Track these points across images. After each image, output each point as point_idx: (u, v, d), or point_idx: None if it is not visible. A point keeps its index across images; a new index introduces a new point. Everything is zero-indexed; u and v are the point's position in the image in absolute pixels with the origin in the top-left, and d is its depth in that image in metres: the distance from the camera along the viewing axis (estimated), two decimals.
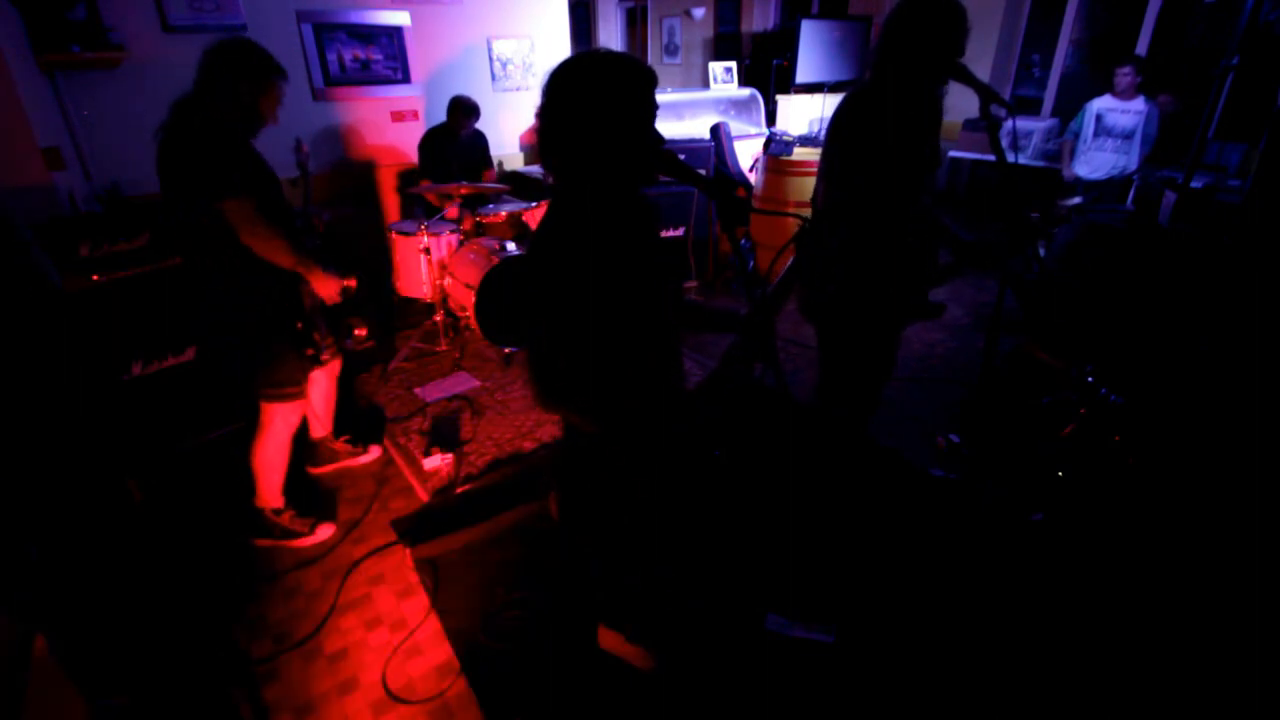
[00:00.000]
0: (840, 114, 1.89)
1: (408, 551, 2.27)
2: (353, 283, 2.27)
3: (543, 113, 1.23)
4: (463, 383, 3.51)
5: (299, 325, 2.20)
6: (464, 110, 4.04)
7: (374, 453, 2.85)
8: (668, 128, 5.74)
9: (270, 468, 2.28)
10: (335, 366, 2.59)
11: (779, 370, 1.51)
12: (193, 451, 2.75)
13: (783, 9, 7.67)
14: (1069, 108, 5.12)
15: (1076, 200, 3.78)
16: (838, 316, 2.05)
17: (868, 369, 2.16)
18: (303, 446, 2.62)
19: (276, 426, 2.23)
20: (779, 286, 1.61)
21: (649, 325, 1.36)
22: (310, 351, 2.26)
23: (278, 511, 2.33)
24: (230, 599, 2.13)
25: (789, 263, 1.67)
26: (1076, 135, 4.54)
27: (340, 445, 2.79)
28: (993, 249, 1.92)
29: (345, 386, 3.42)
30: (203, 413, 2.77)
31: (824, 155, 1.96)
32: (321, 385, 2.58)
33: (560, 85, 1.20)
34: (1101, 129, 4.40)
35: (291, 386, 2.20)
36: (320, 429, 2.70)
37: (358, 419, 3.17)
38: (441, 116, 4.23)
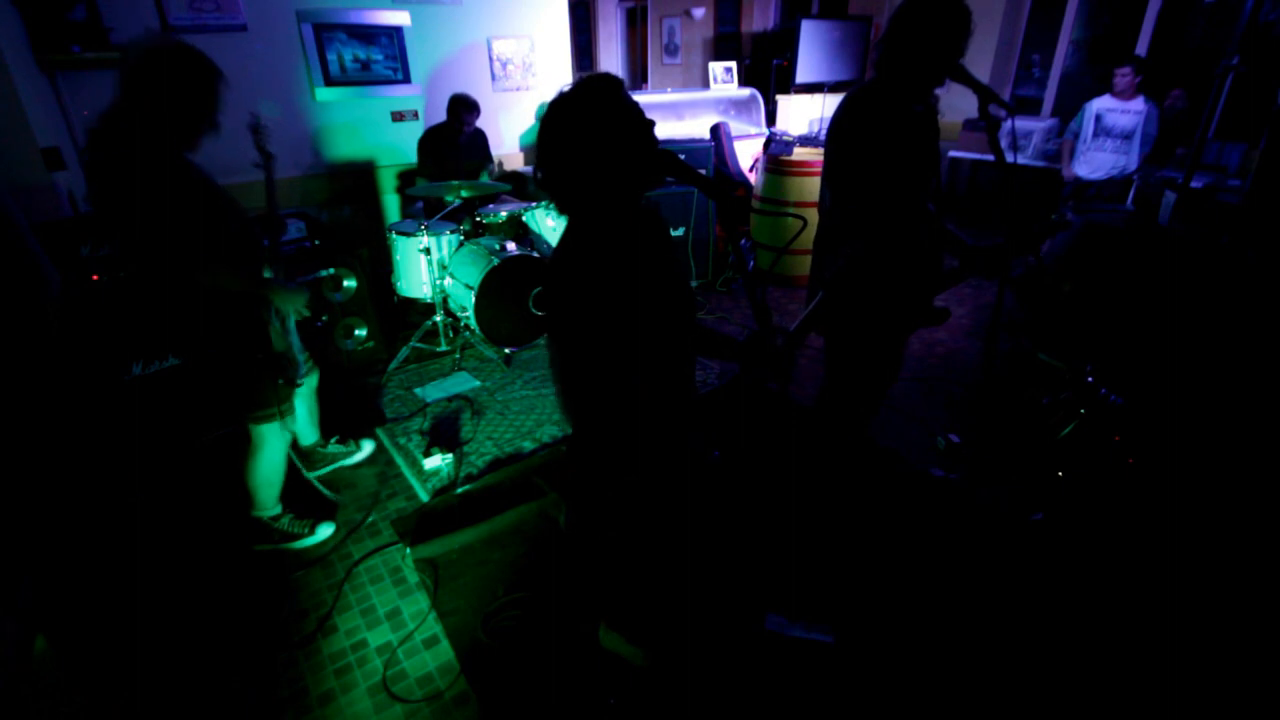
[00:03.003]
0: (842, 114, 1.89)
1: (408, 551, 2.28)
2: (351, 279, 2.18)
3: (540, 166, 1.24)
4: (463, 383, 3.51)
5: (259, 355, 2.05)
6: (464, 107, 4.04)
7: (366, 449, 2.84)
8: (668, 128, 5.73)
9: (268, 484, 2.26)
10: (314, 380, 2.52)
11: (786, 379, 1.51)
12: (193, 451, 2.75)
13: (783, 9, 7.67)
14: (1069, 108, 5.12)
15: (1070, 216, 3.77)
16: (845, 322, 2.05)
17: (874, 374, 2.16)
18: (296, 452, 2.62)
19: (270, 445, 2.18)
20: (803, 324, 1.60)
21: (665, 344, 1.35)
22: (282, 380, 2.13)
23: (275, 518, 2.32)
24: (230, 599, 2.13)
25: (814, 302, 1.68)
26: (1076, 135, 4.54)
27: (331, 448, 2.78)
28: (997, 254, 1.92)
29: (345, 388, 3.43)
30: (203, 413, 2.77)
31: (827, 157, 1.95)
32: (304, 400, 2.54)
33: (547, 139, 1.21)
34: (1101, 129, 4.41)
35: (274, 406, 2.13)
36: (309, 437, 2.69)
37: (356, 420, 3.17)
38: (441, 116, 4.22)
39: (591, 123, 1.17)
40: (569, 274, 1.24)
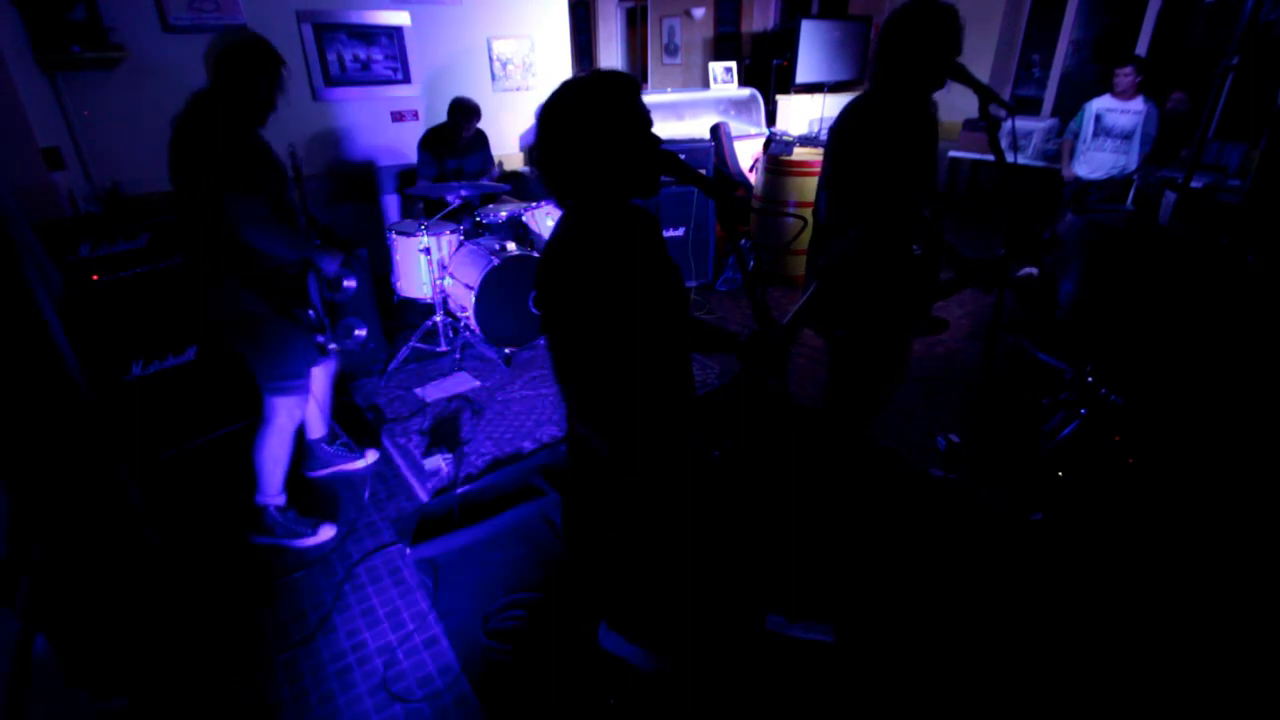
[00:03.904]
0: (844, 120, 1.89)
1: (408, 551, 2.28)
2: (351, 280, 2.28)
3: (540, 148, 1.24)
4: (463, 383, 3.51)
5: (310, 312, 2.22)
6: (464, 112, 4.03)
7: (370, 457, 2.84)
8: (668, 128, 5.73)
9: (274, 462, 2.28)
10: (332, 366, 2.60)
11: (781, 373, 1.51)
12: (193, 451, 2.75)
13: (783, 9, 7.67)
14: (1069, 108, 5.13)
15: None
16: (840, 315, 2.05)
17: (876, 375, 2.16)
18: (299, 451, 2.62)
19: (281, 420, 2.25)
20: (796, 316, 1.60)
21: (663, 341, 1.35)
22: (321, 339, 2.27)
23: (281, 509, 2.33)
24: (231, 598, 2.13)
25: (808, 293, 1.68)
26: (1076, 135, 4.54)
27: (336, 449, 2.78)
28: (994, 267, 1.92)
29: (345, 388, 3.43)
30: (203, 413, 2.77)
31: (828, 161, 1.95)
32: (320, 383, 2.58)
33: (550, 122, 1.20)
34: (1101, 129, 4.41)
35: (298, 378, 2.23)
36: (317, 430, 2.70)
37: (357, 421, 3.17)
38: (441, 116, 4.22)
39: (605, 115, 1.17)
40: (567, 266, 1.23)
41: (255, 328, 2.12)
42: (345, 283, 2.28)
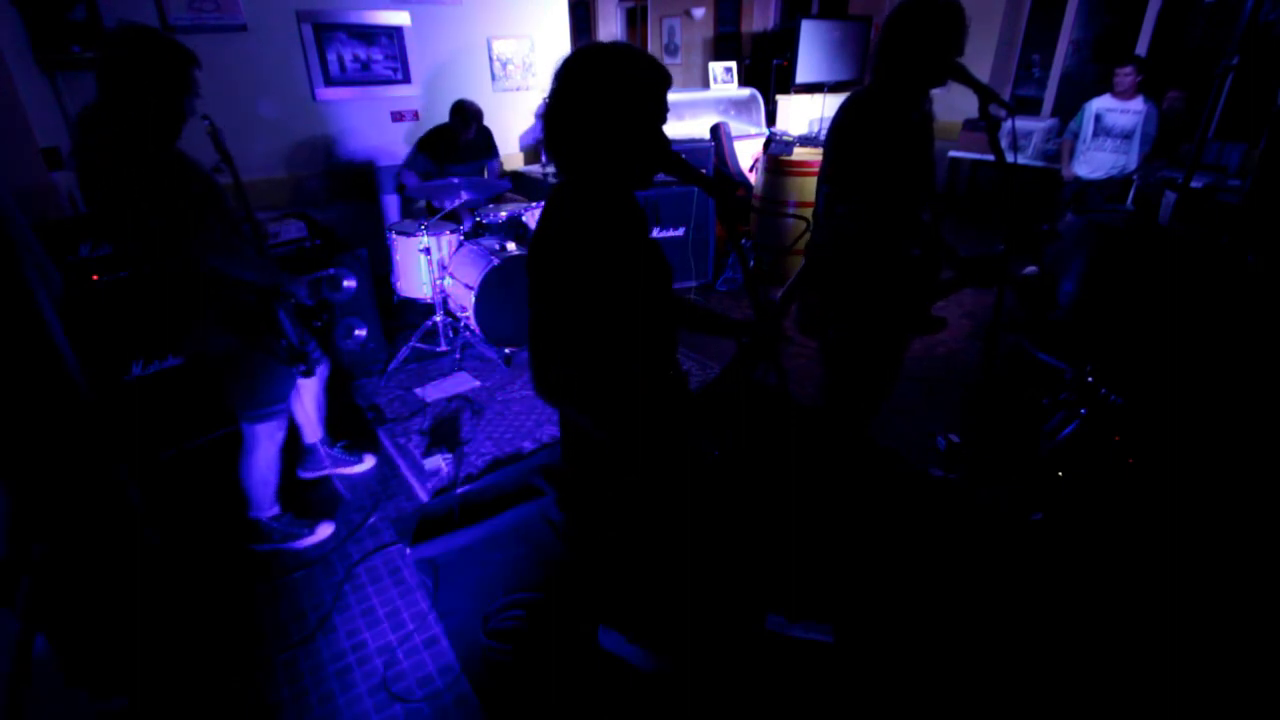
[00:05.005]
0: (843, 115, 1.89)
1: (408, 551, 2.28)
2: (351, 279, 2.18)
3: (552, 102, 1.20)
4: (463, 383, 3.51)
5: (283, 343, 2.08)
6: (466, 116, 4.03)
7: (369, 462, 2.80)
8: (668, 127, 5.72)
9: (262, 484, 2.26)
10: (324, 370, 2.54)
11: (781, 370, 1.51)
12: (193, 451, 2.75)
13: (783, 9, 7.67)
14: (1069, 108, 5.13)
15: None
16: (840, 329, 2.04)
17: (871, 380, 2.16)
18: (295, 450, 2.62)
19: (264, 444, 2.19)
20: (789, 291, 1.61)
21: (644, 325, 1.35)
22: (303, 367, 2.14)
23: (275, 518, 2.32)
24: (230, 599, 2.13)
25: (799, 268, 1.68)
26: (1076, 135, 4.54)
27: (337, 451, 2.77)
28: (993, 266, 1.92)
29: (345, 388, 3.43)
30: (203, 412, 2.77)
31: (825, 160, 1.95)
32: (311, 390, 2.54)
33: (574, 74, 1.17)
34: (1101, 129, 4.41)
35: (275, 404, 2.15)
36: (313, 434, 2.68)
37: (357, 421, 3.17)
38: (441, 117, 4.22)
39: (635, 83, 1.17)
40: (569, 234, 1.21)
41: (230, 362, 2.04)
42: (345, 282, 2.25)
